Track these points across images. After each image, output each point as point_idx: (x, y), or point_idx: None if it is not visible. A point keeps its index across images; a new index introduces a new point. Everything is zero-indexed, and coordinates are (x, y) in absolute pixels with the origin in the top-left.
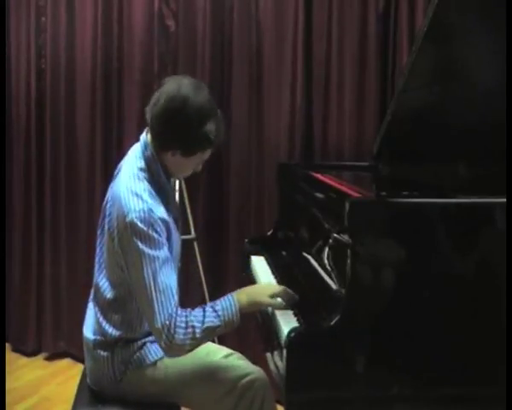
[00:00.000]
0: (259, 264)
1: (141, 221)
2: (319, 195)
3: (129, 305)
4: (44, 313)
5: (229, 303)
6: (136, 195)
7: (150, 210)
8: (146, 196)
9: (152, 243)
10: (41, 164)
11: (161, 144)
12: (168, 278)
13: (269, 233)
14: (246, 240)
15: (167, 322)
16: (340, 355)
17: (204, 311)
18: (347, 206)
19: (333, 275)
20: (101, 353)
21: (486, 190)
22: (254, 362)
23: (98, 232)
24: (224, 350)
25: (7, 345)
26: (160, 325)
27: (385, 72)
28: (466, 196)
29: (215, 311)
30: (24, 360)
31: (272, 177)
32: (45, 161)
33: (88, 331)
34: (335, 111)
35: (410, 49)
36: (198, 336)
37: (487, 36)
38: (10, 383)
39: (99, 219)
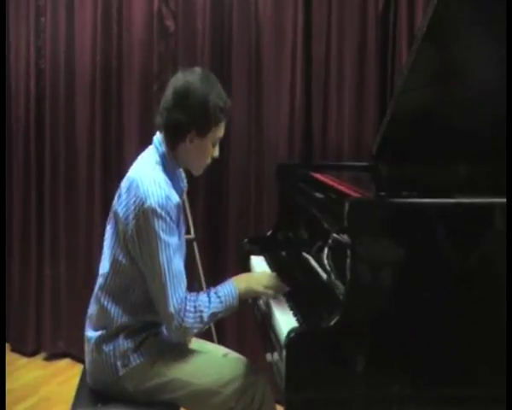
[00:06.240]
0: (259, 264)
1: (159, 207)
2: (319, 195)
3: (132, 293)
4: (44, 313)
5: (230, 290)
6: (154, 182)
7: (168, 197)
8: (163, 183)
9: (168, 229)
10: (40, 164)
11: (176, 132)
12: (179, 264)
13: (268, 233)
14: (245, 240)
15: (179, 307)
16: (339, 355)
17: (209, 296)
18: (347, 206)
19: (333, 275)
20: (104, 348)
21: (486, 190)
22: (254, 362)
23: (107, 228)
24: (223, 350)
25: (6, 345)
26: (172, 310)
27: (384, 72)
28: (466, 196)
29: (218, 297)
30: (23, 360)
31: (272, 177)
32: (45, 161)
33: (90, 329)
34: (335, 111)
35: (410, 49)
36: (205, 320)
37: (487, 36)
38: (10, 384)
39: (107, 217)
